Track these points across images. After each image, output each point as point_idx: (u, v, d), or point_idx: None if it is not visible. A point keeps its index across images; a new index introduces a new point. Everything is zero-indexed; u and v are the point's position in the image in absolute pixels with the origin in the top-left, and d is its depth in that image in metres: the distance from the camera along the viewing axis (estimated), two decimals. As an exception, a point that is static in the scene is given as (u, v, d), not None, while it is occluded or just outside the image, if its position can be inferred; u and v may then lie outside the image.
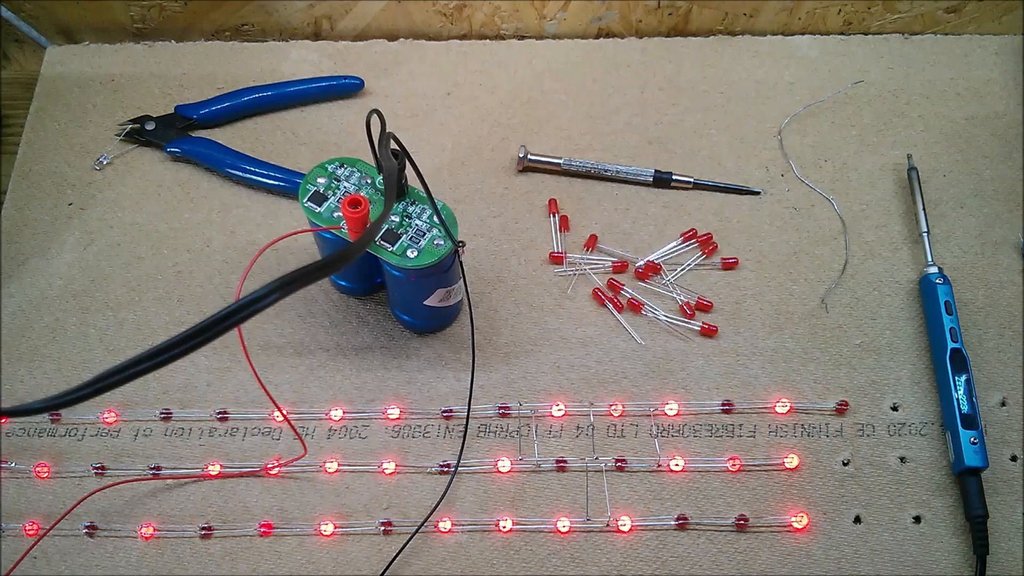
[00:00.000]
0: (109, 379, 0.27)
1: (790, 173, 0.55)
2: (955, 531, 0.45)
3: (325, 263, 0.30)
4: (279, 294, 0.28)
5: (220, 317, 0.27)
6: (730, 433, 0.48)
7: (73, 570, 0.45)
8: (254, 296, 0.27)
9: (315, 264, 0.30)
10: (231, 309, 0.27)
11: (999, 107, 0.57)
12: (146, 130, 0.56)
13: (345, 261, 0.32)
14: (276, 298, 0.28)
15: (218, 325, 0.27)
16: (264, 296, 0.27)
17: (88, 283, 0.52)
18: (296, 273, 0.29)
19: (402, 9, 0.59)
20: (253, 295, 0.27)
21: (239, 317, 0.27)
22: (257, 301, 0.27)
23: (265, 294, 0.27)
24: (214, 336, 0.27)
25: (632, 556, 0.45)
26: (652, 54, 0.59)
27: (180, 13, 0.59)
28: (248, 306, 0.27)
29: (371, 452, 0.47)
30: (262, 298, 0.27)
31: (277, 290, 0.28)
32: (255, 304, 0.27)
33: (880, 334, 0.50)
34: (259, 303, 0.27)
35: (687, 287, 0.52)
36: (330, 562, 0.45)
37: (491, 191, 0.55)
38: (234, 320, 0.27)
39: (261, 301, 0.27)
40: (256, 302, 0.27)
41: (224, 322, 0.27)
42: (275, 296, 0.28)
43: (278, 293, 0.28)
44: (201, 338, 0.27)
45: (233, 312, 0.27)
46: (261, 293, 0.27)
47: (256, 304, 0.27)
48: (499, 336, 0.50)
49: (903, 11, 0.59)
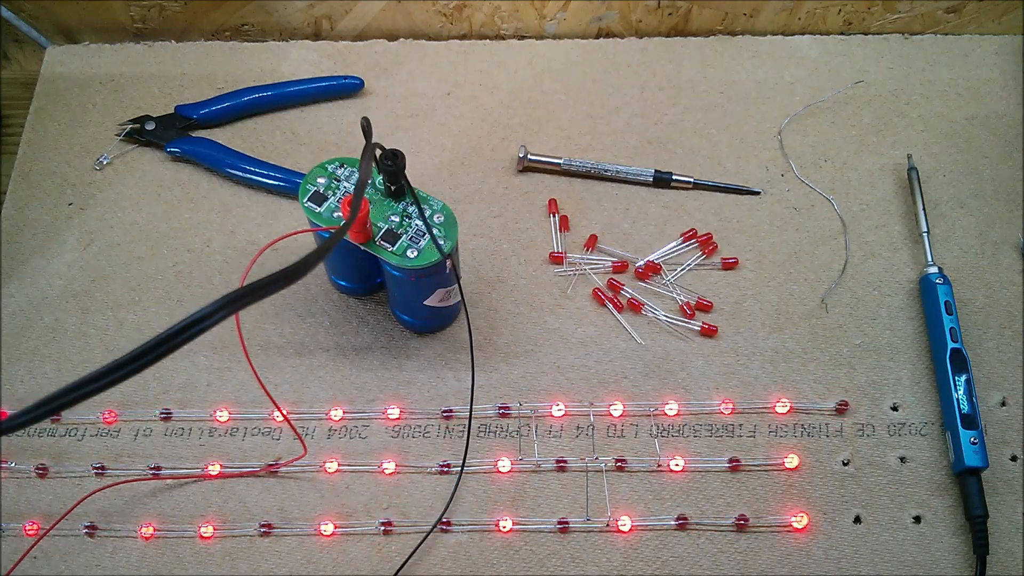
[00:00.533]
0: (55, 401, 0.26)
1: (790, 173, 0.55)
2: (955, 531, 0.45)
3: (270, 280, 0.28)
4: (225, 312, 0.26)
5: (164, 338, 0.26)
6: (730, 433, 0.48)
7: (73, 570, 0.45)
8: (199, 315, 0.26)
9: (263, 280, 0.28)
10: (175, 329, 0.26)
11: (999, 107, 0.57)
12: (146, 130, 0.56)
13: (291, 279, 0.29)
14: (223, 316, 0.26)
15: (161, 346, 0.26)
16: (210, 315, 0.26)
17: (88, 283, 0.52)
18: (244, 289, 0.27)
19: (402, 9, 0.59)
20: (198, 313, 0.26)
21: (185, 337, 0.26)
22: (202, 320, 0.26)
23: (211, 312, 0.26)
24: (160, 356, 0.26)
25: (632, 556, 0.45)
26: (652, 54, 0.59)
27: (180, 13, 0.59)
28: (192, 326, 0.26)
29: (371, 452, 0.47)
30: (207, 316, 0.26)
31: (223, 307, 0.26)
32: (201, 323, 0.26)
33: (880, 334, 0.50)
34: (204, 322, 0.26)
35: (687, 287, 0.52)
36: (330, 562, 0.45)
37: (491, 191, 0.55)
38: (180, 340, 0.26)
39: (207, 320, 0.26)
40: (201, 321, 0.26)
41: (168, 342, 0.26)
42: (221, 314, 0.26)
43: (224, 311, 0.26)
44: (145, 360, 0.26)
45: (177, 332, 0.26)
46: (207, 311, 0.26)
47: (202, 323, 0.26)
48: (499, 336, 0.50)
49: (903, 11, 0.59)
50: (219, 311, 0.26)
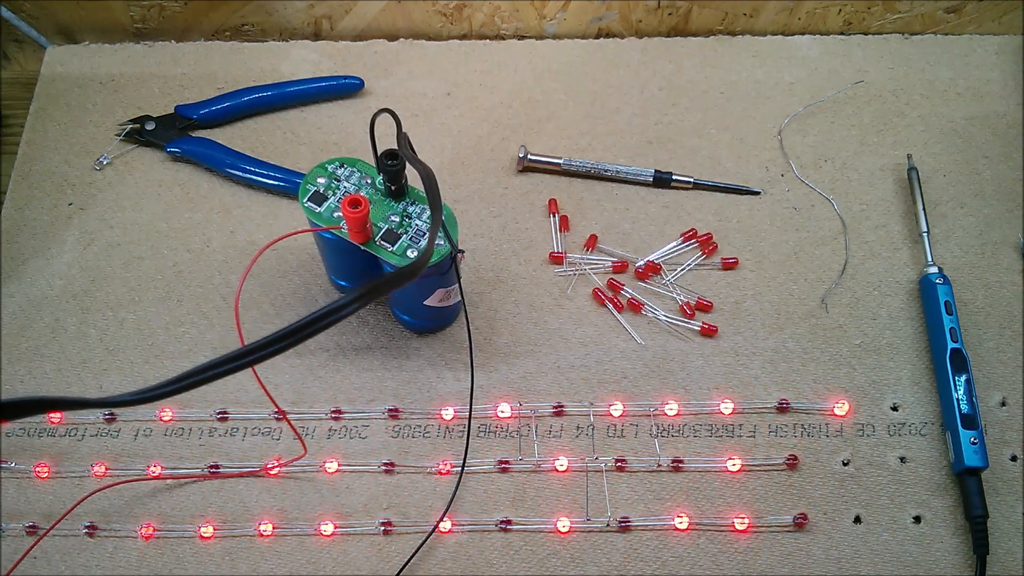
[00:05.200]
0: (189, 379, 0.28)
1: (790, 173, 0.55)
2: (955, 531, 0.45)
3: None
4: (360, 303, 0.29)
5: (300, 326, 0.28)
6: (730, 433, 0.48)
7: (73, 570, 0.45)
8: (335, 305, 0.28)
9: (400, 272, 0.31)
10: (312, 318, 0.28)
11: (999, 107, 0.57)
12: (146, 130, 0.56)
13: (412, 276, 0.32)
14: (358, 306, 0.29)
15: (296, 335, 0.28)
16: (346, 304, 0.28)
17: (88, 283, 0.52)
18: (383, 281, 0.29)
19: (402, 9, 0.59)
20: (334, 304, 0.28)
21: (321, 325, 0.28)
22: (339, 309, 0.28)
23: (348, 302, 0.28)
24: (294, 343, 0.28)
25: (632, 556, 0.45)
26: (652, 54, 0.59)
27: (180, 13, 0.59)
28: (328, 315, 0.28)
29: (371, 452, 0.47)
30: (345, 306, 0.28)
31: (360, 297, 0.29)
32: (337, 312, 0.28)
33: (880, 334, 0.50)
34: (342, 311, 0.28)
35: (687, 287, 0.52)
36: (330, 562, 0.45)
37: (491, 191, 0.55)
38: (315, 328, 0.28)
39: (344, 308, 0.28)
40: (339, 310, 0.28)
41: (303, 331, 0.28)
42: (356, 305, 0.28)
43: (358, 302, 0.29)
44: (279, 346, 0.28)
45: (313, 321, 0.28)
46: (344, 301, 0.28)
47: (339, 312, 0.28)
48: (499, 336, 0.50)
49: (903, 11, 0.59)
50: (355, 301, 0.29)
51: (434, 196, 0.38)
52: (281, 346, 0.28)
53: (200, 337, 0.50)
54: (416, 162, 0.40)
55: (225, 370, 0.27)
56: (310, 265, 0.52)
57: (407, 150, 0.40)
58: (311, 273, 0.52)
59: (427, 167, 0.39)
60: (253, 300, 0.51)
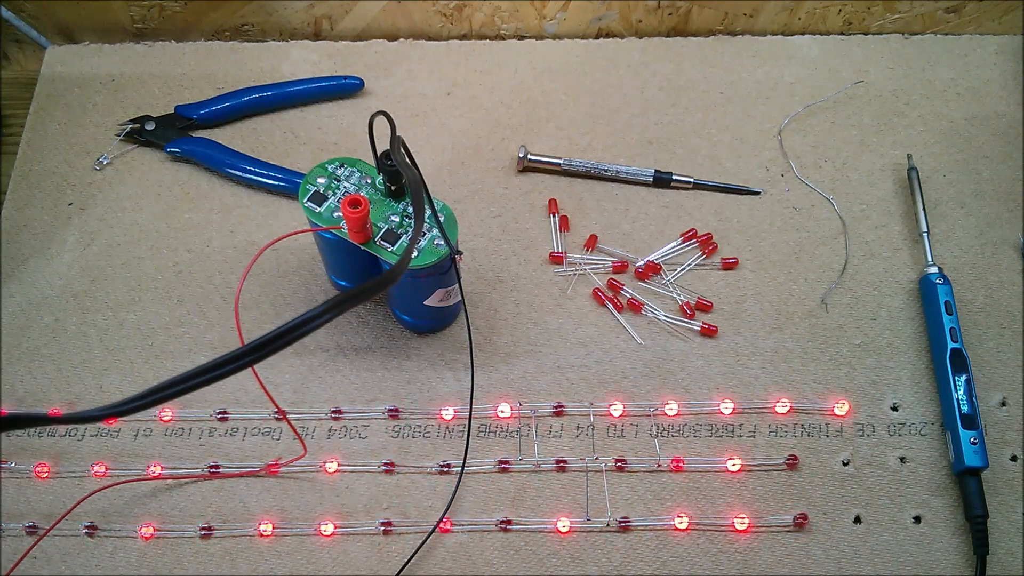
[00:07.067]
0: (160, 393, 0.27)
1: (790, 173, 0.55)
2: (955, 531, 0.45)
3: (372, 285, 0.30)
4: (332, 314, 0.29)
5: (271, 338, 0.28)
6: (730, 433, 0.48)
7: (73, 570, 0.45)
8: (308, 315, 0.28)
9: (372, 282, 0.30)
10: (282, 330, 0.28)
11: (999, 107, 0.57)
12: (146, 130, 0.56)
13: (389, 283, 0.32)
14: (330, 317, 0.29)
15: (267, 346, 0.28)
16: (319, 315, 0.28)
17: (88, 283, 0.52)
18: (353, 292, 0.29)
19: (402, 9, 0.59)
20: (307, 314, 0.28)
21: (293, 337, 0.28)
22: (311, 320, 0.28)
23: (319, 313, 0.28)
24: (266, 355, 0.28)
25: (632, 556, 0.45)
26: (652, 54, 0.59)
27: (180, 13, 0.59)
28: (300, 326, 0.28)
29: (371, 452, 0.47)
30: (317, 316, 0.28)
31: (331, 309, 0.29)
32: (309, 323, 0.28)
33: (880, 334, 0.50)
34: (312, 322, 0.28)
35: (687, 287, 0.52)
36: (330, 562, 0.45)
37: (491, 191, 0.55)
38: (286, 340, 0.28)
39: (316, 320, 0.28)
40: (310, 321, 0.28)
41: (275, 343, 0.28)
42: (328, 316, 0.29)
43: (330, 313, 0.29)
44: (252, 358, 0.28)
45: (284, 332, 0.28)
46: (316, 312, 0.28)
47: (311, 323, 0.28)
48: (499, 336, 0.50)
49: (903, 11, 0.59)
50: (327, 312, 0.29)
51: (418, 204, 0.38)
52: (242, 363, 0.27)
53: (200, 337, 0.50)
54: (406, 167, 0.39)
55: (186, 387, 0.27)
56: (310, 265, 0.52)
57: (399, 155, 0.40)
58: (311, 273, 0.52)
59: (415, 173, 0.39)
60: (253, 300, 0.51)
